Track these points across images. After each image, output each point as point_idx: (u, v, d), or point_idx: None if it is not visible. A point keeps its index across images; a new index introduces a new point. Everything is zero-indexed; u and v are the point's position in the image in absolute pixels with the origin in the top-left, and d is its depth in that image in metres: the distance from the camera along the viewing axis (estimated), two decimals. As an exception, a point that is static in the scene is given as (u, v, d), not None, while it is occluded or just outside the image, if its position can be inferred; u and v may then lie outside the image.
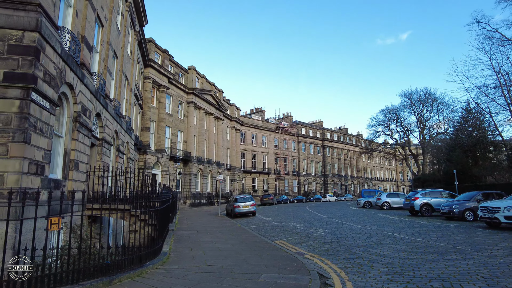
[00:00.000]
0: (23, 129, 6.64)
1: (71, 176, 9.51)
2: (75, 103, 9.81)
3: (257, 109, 72.43)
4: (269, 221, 19.58)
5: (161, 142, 33.08)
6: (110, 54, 14.52)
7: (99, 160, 12.95)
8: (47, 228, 4.79)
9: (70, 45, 9.19)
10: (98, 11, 12.36)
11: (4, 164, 6.48)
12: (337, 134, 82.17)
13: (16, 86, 6.72)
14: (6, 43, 6.91)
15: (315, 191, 70.79)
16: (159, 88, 33.72)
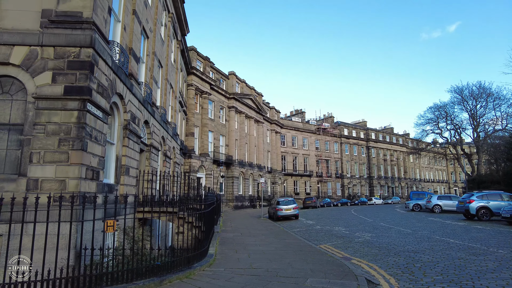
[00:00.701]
0: (81, 137, 7.19)
1: (123, 180, 10.12)
2: (125, 112, 10.43)
3: (297, 111, 71.89)
4: (312, 225, 19.31)
5: (205, 146, 34.03)
6: (156, 64, 15.26)
7: (148, 165, 13.63)
8: (104, 230, 5.13)
9: (119, 57, 9.81)
10: (144, 24, 13.07)
11: (65, 170, 7.06)
12: (382, 134, 78.93)
13: (74, 98, 7.31)
14: (66, 60, 7.55)
15: (360, 194, 68.48)
16: (201, 95, 34.77)
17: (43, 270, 5.64)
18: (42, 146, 7.13)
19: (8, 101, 7.54)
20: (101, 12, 8.27)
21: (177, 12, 20.98)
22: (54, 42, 7.57)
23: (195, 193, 9.47)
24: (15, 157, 7.28)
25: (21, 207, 6.86)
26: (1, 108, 7.49)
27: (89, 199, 7.33)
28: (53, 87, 7.39)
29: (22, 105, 7.48)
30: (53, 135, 7.18)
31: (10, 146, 7.34)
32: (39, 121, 7.24)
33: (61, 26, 7.71)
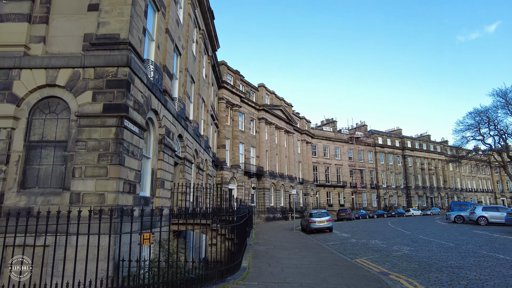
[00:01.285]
0: (118, 152, 7.52)
1: (158, 193, 10.41)
2: (160, 127, 10.81)
3: (328, 120, 70.92)
4: (347, 238, 18.73)
5: (236, 158, 34.37)
6: (188, 80, 15.76)
7: (182, 178, 13.95)
8: (140, 243, 5.28)
9: (154, 75, 10.24)
10: (176, 42, 13.58)
11: (105, 184, 7.40)
12: (418, 142, 75.71)
13: (112, 115, 7.70)
14: (104, 79, 8.00)
15: (397, 205, 65.67)
16: (232, 107, 35.34)
17: (85, 281, 5.89)
18: (84, 162, 7.53)
19: (54, 119, 8.08)
20: (136, 33, 8.72)
21: (208, 29, 21.66)
22: (94, 63, 8.05)
23: (227, 205, 9.54)
24: (60, 172, 7.75)
25: (65, 220, 7.29)
26: (48, 127, 8.05)
27: (126, 212, 7.61)
28: (93, 105, 7.83)
29: (66, 123, 7.99)
30: (93, 151, 7.57)
31: (55, 161, 7.84)
32: (80, 137, 7.68)
33: (101, 48, 8.21)
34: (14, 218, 6.53)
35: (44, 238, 6.43)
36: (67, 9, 8.81)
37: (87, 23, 8.55)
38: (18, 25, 8.52)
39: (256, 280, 7.97)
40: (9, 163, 7.72)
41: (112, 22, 8.35)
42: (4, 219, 7.11)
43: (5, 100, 8.00)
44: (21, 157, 7.78)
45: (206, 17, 20.30)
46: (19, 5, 8.66)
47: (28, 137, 7.96)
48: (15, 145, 7.84)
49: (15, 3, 8.67)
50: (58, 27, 8.70)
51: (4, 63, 8.19)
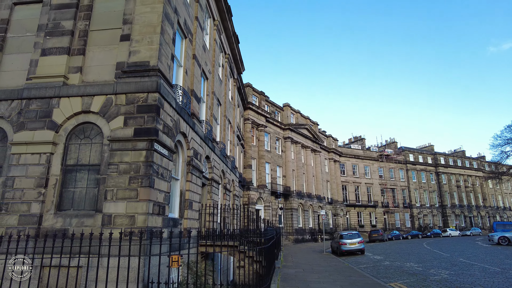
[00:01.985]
0: (148, 175, 7.72)
1: (186, 214, 10.51)
2: (188, 149, 11.04)
3: (356, 138, 69.59)
4: (380, 260, 17.87)
5: (262, 178, 34.27)
6: (215, 102, 16.13)
7: (209, 198, 14.04)
8: (169, 265, 5.30)
9: (182, 99, 10.58)
10: (203, 66, 14.04)
11: (135, 206, 7.57)
12: (452, 158, 72.28)
13: (142, 139, 7.97)
14: (135, 105, 8.35)
15: (432, 225, 62.22)
16: (257, 128, 35.62)
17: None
18: (115, 184, 7.78)
19: (88, 144, 8.48)
20: (165, 60, 9.11)
21: (233, 53, 22.28)
22: (126, 90, 8.45)
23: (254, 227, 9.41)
24: (93, 194, 8.04)
25: (98, 241, 7.49)
26: (83, 151, 8.45)
27: (155, 234, 7.71)
28: (124, 130, 8.16)
29: (99, 147, 8.35)
30: (124, 174, 7.82)
31: (89, 184, 8.16)
32: (112, 161, 7.97)
33: (132, 75, 8.62)
34: (51, 239, 6.82)
35: (78, 260, 6.62)
36: (101, 40, 9.41)
37: (119, 52, 9.06)
38: (58, 58, 9.16)
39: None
40: (48, 186, 8.12)
41: (142, 50, 8.79)
42: (42, 240, 7.45)
43: (45, 127, 8.53)
44: (58, 181, 8.17)
45: (231, 41, 20.94)
46: (60, 39, 9.34)
47: (65, 161, 8.37)
48: (53, 169, 8.26)
49: (57, 38, 9.37)
50: (94, 57, 9.28)
51: (46, 93, 8.79)
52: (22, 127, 8.65)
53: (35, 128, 8.56)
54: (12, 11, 10.28)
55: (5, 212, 7.96)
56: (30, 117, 8.69)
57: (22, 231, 7.69)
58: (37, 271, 7.48)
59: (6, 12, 10.23)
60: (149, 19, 9.02)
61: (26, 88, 8.98)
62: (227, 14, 18.56)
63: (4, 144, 8.77)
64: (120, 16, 9.44)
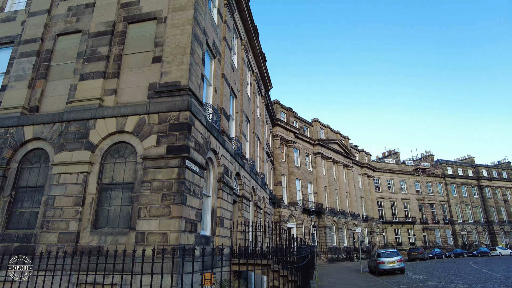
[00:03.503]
0: (181, 192, 7.76)
1: (218, 232, 10.42)
2: (219, 166, 11.07)
3: (390, 152, 67.20)
4: (423, 281, 16.67)
5: (293, 195, 33.71)
6: (244, 120, 16.24)
7: (240, 216, 13.91)
8: (202, 284, 5.18)
9: (212, 116, 10.70)
10: (232, 85, 14.24)
11: (167, 223, 7.59)
12: (496, 170, 67.59)
13: (175, 157, 8.07)
14: (167, 123, 8.52)
15: (478, 243, 57.79)
16: (287, 144, 35.40)
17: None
18: (148, 202, 7.88)
19: (122, 163, 8.71)
20: (195, 79, 9.30)
21: (260, 71, 22.54)
22: (158, 109, 8.67)
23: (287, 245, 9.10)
24: (127, 212, 8.18)
25: (131, 259, 7.53)
26: (117, 170, 8.68)
27: (188, 252, 7.65)
28: (157, 148, 8.32)
29: (133, 166, 8.55)
30: (157, 191, 7.91)
31: (123, 202, 8.32)
32: (145, 179, 8.11)
33: (163, 95, 8.85)
34: (86, 257, 6.95)
35: (112, 277, 6.67)
36: (134, 63, 9.81)
37: (151, 74, 9.38)
38: (95, 82, 9.64)
39: None
40: (84, 204, 8.37)
41: (173, 70, 9.04)
42: (79, 257, 7.62)
43: (82, 148, 8.89)
44: (94, 199, 8.41)
45: (258, 60, 21.22)
46: (96, 64, 9.85)
47: (100, 180, 8.63)
48: (90, 188, 8.53)
49: (94, 63, 9.88)
50: (127, 80, 9.67)
51: (83, 115, 9.22)
52: (62, 148, 9.06)
53: (74, 149, 8.95)
54: (55, 42, 11.02)
55: (46, 230, 8.26)
56: (69, 139, 9.11)
57: (61, 249, 7.91)
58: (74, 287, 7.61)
59: (50, 43, 10.99)
60: (179, 40, 9.32)
61: (66, 112, 9.46)
62: (254, 34, 18.90)
63: (47, 165, 9.22)
64: (152, 39, 9.83)
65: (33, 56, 10.70)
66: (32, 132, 9.51)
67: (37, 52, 10.77)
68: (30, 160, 9.49)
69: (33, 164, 9.43)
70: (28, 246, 8.25)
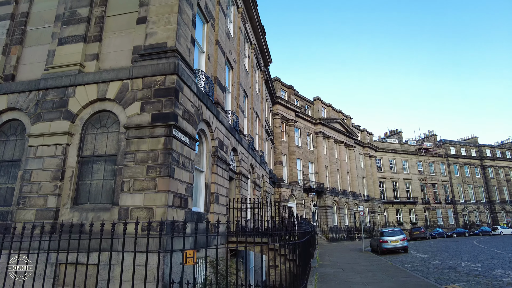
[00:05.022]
0: (167, 163, 6.99)
1: (213, 209, 9.75)
2: (213, 139, 10.28)
3: (392, 132, 66.28)
4: (428, 259, 16.17)
5: (293, 174, 33.12)
6: (241, 93, 15.32)
7: (238, 193, 13.24)
8: (183, 262, 4.49)
9: (204, 85, 9.83)
10: (227, 55, 13.26)
11: (153, 198, 6.87)
12: (500, 150, 66.75)
13: (160, 125, 7.26)
14: (152, 89, 7.67)
15: (479, 222, 57.64)
16: (287, 123, 34.51)
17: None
18: (132, 175, 7.14)
19: (104, 133, 7.93)
20: (184, 41, 8.38)
21: (259, 44, 21.39)
22: (142, 73, 7.81)
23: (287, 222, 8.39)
24: (109, 186, 7.46)
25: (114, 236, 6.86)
26: (99, 141, 7.91)
27: (177, 228, 6.97)
28: (141, 116, 7.51)
29: (116, 136, 7.77)
30: (141, 163, 7.16)
31: (106, 176, 7.59)
32: (129, 150, 7.34)
33: (148, 58, 7.97)
34: (66, 235, 6.31)
35: (87, 256, 6.01)
36: (118, 26, 8.87)
37: (136, 36, 8.46)
38: (75, 46, 8.73)
39: None
40: (64, 179, 7.65)
41: (159, 31, 8.12)
42: (58, 235, 6.94)
43: (61, 117, 8.09)
44: (74, 173, 7.68)
45: (257, 32, 20.06)
46: (76, 27, 8.92)
47: (81, 153, 7.87)
48: (69, 161, 7.79)
49: (73, 26, 8.95)
50: (110, 43, 8.76)
51: (61, 82, 8.37)
52: (39, 118, 8.27)
53: (52, 119, 8.15)
54: (31, 4, 10.06)
55: (22, 207, 7.58)
56: (47, 108, 8.30)
57: (39, 226, 7.24)
58: (52, 268, 6.99)
59: (26, 5, 10.03)
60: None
61: (43, 79, 8.62)
62: (252, 3, 17.72)
63: (23, 137, 8.45)
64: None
65: (7, 20, 9.77)
66: (6, 102, 8.70)
67: (11, 15, 9.83)
68: (5, 133, 8.71)
69: (9, 136, 8.66)
70: (3, 224, 7.57)
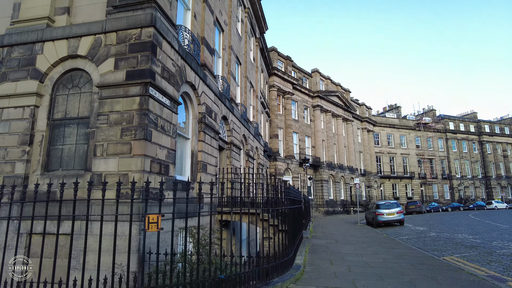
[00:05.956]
0: (143, 125, 6.33)
1: (199, 178, 9.18)
2: (199, 104, 9.56)
3: (391, 107, 65.38)
4: (424, 231, 15.91)
5: (290, 148, 32.59)
6: (233, 59, 14.42)
7: (229, 164, 12.68)
8: (145, 228, 3.92)
9: (188, 43, 8.99)
10: (217, 15, 12.28)
11: (128, 163, 6.26)
12: (499, 125, 66.18)
13: (135, 83, 6.54)
14: (127, 43, 6.88)
15: (474, 197, 58.05)
16: (284, 95, 33.59)
17: (98, 277, 4.70)
18: (105, 138, 6.49)
19: (77, 94, 7.20)
20: (163, -9, 7.47)
21: (254, 8, 20.16)
22: (116, 27, 6.99)
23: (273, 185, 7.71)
24: (83, 151, 6.83)
25: (85, 205, 6.30)
26: (71, 102, 7.19)
27: (155, 196, 6.41)
28: (115, 73, 6.76)
29: (89, 97, 7.06)
30: (115, 125, 6.49)
31: (79, 140, 6.94)
32: (102, 111, 6.65)
33: (123, 10, 7.13)
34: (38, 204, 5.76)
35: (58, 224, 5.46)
36: (91, -26, 7.91)
37: (111, -14, 7.54)
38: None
39: (314, 283, 6.19)
40: (33, 143, 7.01)
41: (135, -21, 7.19)
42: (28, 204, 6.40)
43: (28, 77, 7.34)
44: (44, 137, 7.02)
45: (251, -5, 18.83)
46: (45, -23, 7.95)
47: (52, 115, 7.18)
48: (39, 124, 7.11)
49: (41, -23, 7.98)
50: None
51: (28, 37, 7.55)
52: (4, 78, 7.50)
53: (18, 78, 7.40)
54: (-5, -48, 8.98)
55: (-12, 174, 6.96)
56: (12, 67, 7.52)
57: (6, 195, 6.67)
58: (22, 239, 6.47)
59: (-11, -46, 8.96)
60: None
61: (7, 34, 7.79)
62: (245, -39, 16.43)
63: (-11, 99, 7.69)
64: None
65: (-32, -31, 8.73)
66: (-33, 60, 7.87)
67: (-28, -36, 8.78)
68: (-31, 94, 7.94)
69: (-27, 98, 7.89)
70: (-32, 192, 6.97)
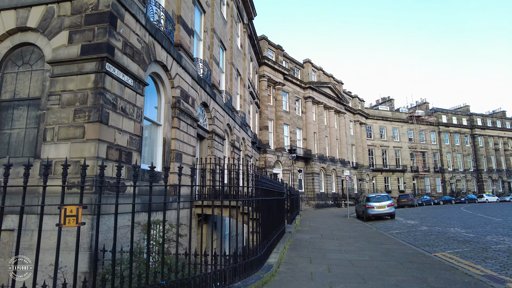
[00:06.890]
0: (98, 106, 5.56)
1: (173, 168, 8.45)
2: (173, 87, 8.78)
3: (384, 99, 64.92)
4: (415, 225, 15.40)
5: (280, 140, 31.92)
6: (216, 43, 13.58)
7: (210, 154, 11.96)
8: (60, 223, 3.20)
9: (159, 19, 8.18)
10: (197, -6, 11.44)
11: (81, 148, 5.50)
12: (491, 119, 66.25)
13: (91, 58, 5.75)
14: (83, 14, 6.07)
15: (466, 190, 58.21)
16: (274, 86, 32.79)
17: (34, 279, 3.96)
18: (57, 121, 5.72)
19: (27, 72, 6.38)
20: (128, -42, 6.64)
21: (241, -8, 19.28)
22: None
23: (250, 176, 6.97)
24: (33, 136, 6.04)
25: (33, 196, 5.57)
26: (22, 82, 6.38)
27: (112, 186, 5.67)
28: (69, 48, 5.96)
29: (40, 75, 6.25)
30: (68, 106, 5.72)
31: (29, 124, 6.14)
32: (53, 90, 5.87)
33: (80, -23, 6.28)
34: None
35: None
36: None
37: (68, -49, 6.67)
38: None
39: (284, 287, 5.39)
40: (-23, 127, 6.19)
41: None
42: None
43: (-28, 52, 6.48)
44: (-10, 120, 6.21)
45: (238, -22, 17.94)
46: None
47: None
48: (-16, 106, 6.29)
49: None
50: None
51: (-28, 8, 6.66)
52: None
53: (-39, 53, 6.53)
54: None
55: None
56: (-45, 41, 6.64)
57: None
58: (-40, 235, 5.69)
59: None
60: None
61: (-50, 4, 6.88)
62: None
63: None
64: None
65: None
66: None
67: None
68: None
69: None
70: None
